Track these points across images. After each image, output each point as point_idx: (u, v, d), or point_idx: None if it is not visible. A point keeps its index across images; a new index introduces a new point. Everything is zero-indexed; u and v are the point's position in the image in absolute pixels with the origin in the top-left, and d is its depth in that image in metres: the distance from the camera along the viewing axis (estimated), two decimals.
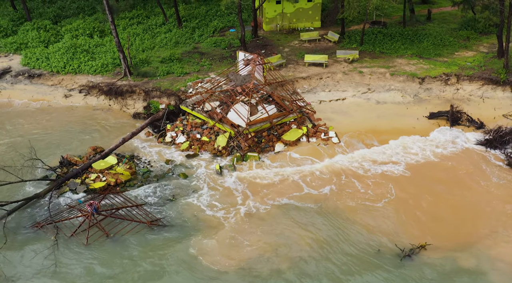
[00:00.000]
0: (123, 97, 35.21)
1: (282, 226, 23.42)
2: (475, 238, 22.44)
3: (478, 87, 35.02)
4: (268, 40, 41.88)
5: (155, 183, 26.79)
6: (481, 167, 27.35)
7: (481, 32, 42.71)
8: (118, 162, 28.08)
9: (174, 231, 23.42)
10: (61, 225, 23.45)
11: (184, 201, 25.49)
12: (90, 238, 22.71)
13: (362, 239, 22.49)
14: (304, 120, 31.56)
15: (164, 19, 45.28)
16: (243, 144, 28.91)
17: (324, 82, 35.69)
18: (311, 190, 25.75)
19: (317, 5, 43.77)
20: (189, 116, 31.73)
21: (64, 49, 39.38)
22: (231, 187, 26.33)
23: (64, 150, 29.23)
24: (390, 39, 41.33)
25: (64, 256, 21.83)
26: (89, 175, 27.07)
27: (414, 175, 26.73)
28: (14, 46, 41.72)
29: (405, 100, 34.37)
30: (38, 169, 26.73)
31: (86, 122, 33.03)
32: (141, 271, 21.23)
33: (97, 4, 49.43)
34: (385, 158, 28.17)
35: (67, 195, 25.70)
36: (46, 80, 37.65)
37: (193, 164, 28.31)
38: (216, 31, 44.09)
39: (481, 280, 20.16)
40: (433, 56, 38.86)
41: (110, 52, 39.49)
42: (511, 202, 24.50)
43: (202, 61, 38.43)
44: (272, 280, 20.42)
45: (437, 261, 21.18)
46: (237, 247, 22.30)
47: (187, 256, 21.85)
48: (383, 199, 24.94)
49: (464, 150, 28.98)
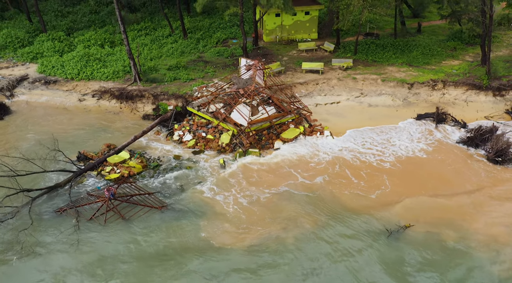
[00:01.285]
0: (133, 101, 37.89)
1: (283, 209, 25.83)
2: (454, 215, 24.97)
3: (462, 92, 37.77)
4: (268, 50, 44.79)
5: (164, 175, 29.26)
6: (465, 160, 29.97)
7: (467, 43, 45.69)
8: (131, 157, 30.64)
9: (183, 215, 25.80)
10: (81, 210, 25.86)
11: (191, 189, 27.97)
12: (107, 220, 25.11)
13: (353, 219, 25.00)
14: (301, 121, 34.18)
15: (170, 31, 48.30)
16: (245, 141, 31.50)
17: (320, 87, 38.45)
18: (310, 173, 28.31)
19: (314, 18, 46.80)
20: (195, 116, 34.39)
21: (78, 57, 42.24)
22: (234, 178, 28.76)
23: (80, 147, 31.73)
24: (382, 49, 44.25)
25: (84, 235, 24.19)
26: (104, 167, 29.61)
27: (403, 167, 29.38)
28: (30, 56, 44.59)
29: (395, 104, 37.08)
30: (59, 162, 29.13)
31: (100, 123, 35.63)
32: (153, 248, 23.55)
33: (107, 18, 52.53)
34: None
35: (86, 183, 28.20)
36: (61, 86, 40.38)
37: (199, 159, 30.84)
38: (219, 42, 47.03)
39: (459, 249, 22.62)
40: (422, 64, 41.73)
41: (121, 61, 42.33)
42: (486, 187, 27.13)
43: (206, 69, 41.27)
44: (277, 255, 22.65)
45: (420, 236, 23.63)
46: (243, 227, 24.68)
47: (196, 236, 24.19)
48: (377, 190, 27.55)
49: (445, 144, 31.64)
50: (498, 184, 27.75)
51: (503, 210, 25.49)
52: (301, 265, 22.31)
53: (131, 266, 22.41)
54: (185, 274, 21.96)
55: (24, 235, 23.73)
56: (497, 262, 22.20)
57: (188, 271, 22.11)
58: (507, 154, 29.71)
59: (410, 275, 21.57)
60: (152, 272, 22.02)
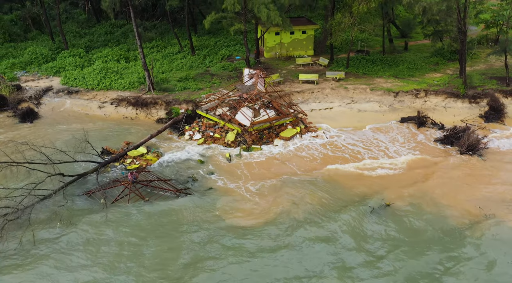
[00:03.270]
0: (147, 108, 42.37)
1: (287, 191, 29.95)
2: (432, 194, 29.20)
3: (442, 99, 42.28)
4: (269, 64, 49.58)
5: (178, 166, 33.45)
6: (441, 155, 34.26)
7: (448, 59, 50.51)
8: (148, 151, 34.92)
9: (197, 198, 29.73)
10: (107, 192, 29.96)
11: (201, 178, 32.12)
12: (130, 201, 29.19)
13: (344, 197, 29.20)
14: (298, 123, 38.58)
15: (179, 48, 53.26)
16: (248, 139, 35.83)
17: (315, 95, 43.00)
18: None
19: (310, 36, 51.76)
20: (204, 119, 38.83)
21: (97, 70, 46.99)
22: (239, 169, 32.94)
23: (103, 144, 35.92)
24: (371, 63, 49.05)
25: (111, 214, 28.08)
26: (125, 159, 33.87)
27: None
28: (53, 70, 49.37)
29: (382, 109, 41.53)
30: (86, 156, 33.26)
31: (118, 125, 39.99)
32: (171, 225, 27.41)
33: (121, 38, 57.67)
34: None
35: (110, 172, 32.41)
36: (82, 95, 44.96)
37: (208, 153, 35.08)
38: (224, 58, 51.88)
39: (428, 218, 26.80)
40: (407, 76, 46.42)
41: (135, 73, 47.05)
42: (456, 169, 31.59)
43: (213, 80, 45.94)
44: (289, 230, 26.53)
45: (399, 210, 27.77)
46: (256, 206, 28.62)
47: (212, 215, 27.97)
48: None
49: (424, 143, 35.96)
50: (470, 172, 31.94)
51: (472, 190, 29.69)
52: (311, 232, 26.21)
53: (151, 236, 26.28)
54: (210, 245, 25.50)
55: (62, 210, 27.76)
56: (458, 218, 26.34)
57: (213, 241, 25.76)
58: (477, 149, 33.97)
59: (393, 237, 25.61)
60: (172, 241, 25.84)
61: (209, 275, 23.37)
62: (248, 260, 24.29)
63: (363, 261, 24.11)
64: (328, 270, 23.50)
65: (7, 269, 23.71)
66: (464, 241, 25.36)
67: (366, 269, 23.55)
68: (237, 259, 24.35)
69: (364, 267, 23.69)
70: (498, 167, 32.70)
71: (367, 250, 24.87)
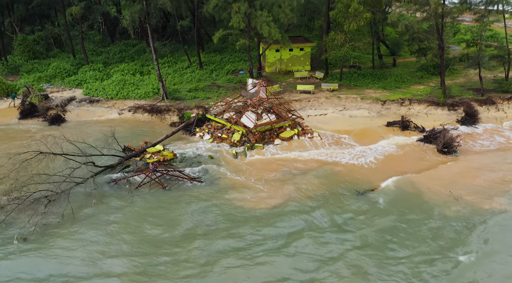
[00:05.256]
0: (161, 114, 47.57)
1: (289, 181, 34.79)
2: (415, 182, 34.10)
3: (424, 107, 47.51)
4: (270, 78, 55.01)
5: (191, 161, 38.40)
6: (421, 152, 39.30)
7: (432, 73, 56.01)
8: (164, 149, 39.93)
9: (209, 186, 34.58)
10: (131, 181, 34.82)
11: (212, 171, 36.98)
12: (151, 188, 34.02)
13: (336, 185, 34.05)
14: (295, 126, 43.67)
15: (188, 64, 58.85)
16: (251, 139, 40.85)
17: (311, 103, 48.24)
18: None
19: (307, 53, 57.37)
20: (212, 122, 43.94)
21: (116, 82, 52.41)
22: (245, 164, 37.85)
23: (124, 143, 40.93)
24: (362, 77, 54.51)
25: (136, 197, 32.92)
26: (145, 155, 38.86)
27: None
28: (76, 82, 54.84)
29: (370, 115, 46.69)
30: (111, 151, 38.21)
31: (136, 128, 45.07)
32: (188, 204, 32.16)
33: (135, 55, 63.39)
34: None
35: (131, 166, 37.36)
36: (103, 104, 50.24)
37: (216, 151, 40.06)
38: (229, 72, 57.39)
39: (408, 197, 31.68)
40: (394, 88, 51.77)
41: (150, 85, 52.44)
42: (432, 162, 36.36)
43: (219, 91, 51.30)
44: (296, 209, 31.30)
45: (381, 193, 32.63)
46: (264, 193, 33.32)
47: (222, 197, 32.75)
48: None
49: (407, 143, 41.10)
50: (444, 165, 36.92)
51: (443, 178, 34.58)
52: (314, 212, 30.94)
53: (170, 212, 31.04)
54: (229, 224, 30.23)
55: (94, 192, 32.62)
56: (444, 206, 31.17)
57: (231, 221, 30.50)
58: (451, 146, 38.99)
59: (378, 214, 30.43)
60: (189, 218, 30.47)
61: (223, 241, 28.04)
62: (261, 230, 28.92)
63: (345, 230, 28.95)
64: (328, 234, 28.32)
65: (53, 237, 28.39)
66: (432, 213, 30.23)
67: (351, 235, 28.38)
68: (249, 231, 29.00)
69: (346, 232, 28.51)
70: (468, 161, 37.66)
71: (352, 222, 29.68)
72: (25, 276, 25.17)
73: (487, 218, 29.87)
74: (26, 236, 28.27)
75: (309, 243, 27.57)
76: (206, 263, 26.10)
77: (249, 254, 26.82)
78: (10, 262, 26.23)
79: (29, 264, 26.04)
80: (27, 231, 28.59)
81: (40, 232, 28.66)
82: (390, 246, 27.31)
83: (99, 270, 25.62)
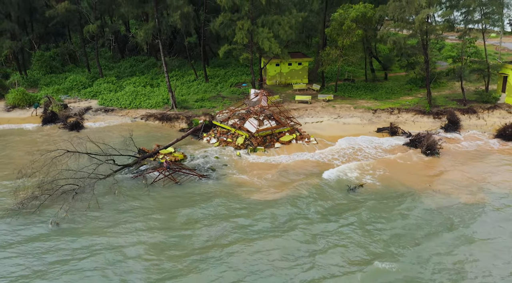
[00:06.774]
0: (171, 121, 52.05)
1: (290, 178, 39.00)
2: (402, 180, 38.22)
3: (412, 115, 52.00)
4: (270, 89, 59.65)
5: (199, 161, 42.72)
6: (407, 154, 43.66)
7: (420, 86, 60.66)
8: (175, 151, 44.29)
9: (216, 181, 38.82)
10: (147, 177, 39.09)
11: (219, 169, 41.27)
12: (164, 184, 38.25)
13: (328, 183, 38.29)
14: (294, 131, 48.10)
15: (195, 77, 63.59)
16: (254, 142, 45.24)
17: (308, 112, 52.75)
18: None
19: (305, 67, 62.15)
20: (218, 128, 48.38)
21: (129, 93, 57.05)
22: (249, 165, 42.12)
23: (138, 146, 45.29)
24: (356, 89, 59.17)
25: (151, 192, 37.13)
26: (158, 156, 43.20)
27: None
28: (91, 94, 59.49)
29: (362, 122, 51.15)
30: (128, 152, 42.50)
31: (148, 133, 49.49)
32: (198, 196, 36.39)
33: (144, 69, 68.23)
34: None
35: (146, 165, 41.67)
36: (117, 113, 54.76)
37: (222, 153, 44.38)
38: (233, 85, 62.09)
39: (394, 190, 35.82)
40: (384, 99, 56.35)
41: (160, 96, 57.06)
42: (415, 161, 40.58)
43: (224, 101, 55.89)
44: (295, 201, 35.38)
45: (369, 188, 36.82)
46: (268, 189, 37.45)
47: (231, 193, 36.83)
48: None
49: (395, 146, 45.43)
50: (426, 164, 41.22)
51: (424, 175, 38.85)
52: (313, 204, 35.02)
53: (184, 204, 35.19)
54: (235, 212, 34.54)
55: (116, 186, 36.87)
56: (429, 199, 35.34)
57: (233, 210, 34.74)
58: (434, 148, 43.34)
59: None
60: (199, 209, 34.63)
61: (231, 224, 32.22)
62: (263, 214, 33.08)
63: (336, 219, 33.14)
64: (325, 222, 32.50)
65: (81, 221, 32.59)
66: (416, 203, 34.46)
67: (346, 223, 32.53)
68: (255, 216, 33.17)
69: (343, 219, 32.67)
70: (448, 161, 41.97)
71: (343, 212, 33.89)
72: (61, 251, 29.31)
73: (461, 207, 34.05)
74: (58, 221, 32.42)
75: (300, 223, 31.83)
76: (220, 237, 30.39)
77: (255, 231, 31.02)
78: (46, 241, 30.38)
79: (63, 240, 30.20)
80: (59, 217, 32.75)
81: (71, 218, 32.83)
82: (374, 226, 31.53)
83: (121, 243, 29.80)
